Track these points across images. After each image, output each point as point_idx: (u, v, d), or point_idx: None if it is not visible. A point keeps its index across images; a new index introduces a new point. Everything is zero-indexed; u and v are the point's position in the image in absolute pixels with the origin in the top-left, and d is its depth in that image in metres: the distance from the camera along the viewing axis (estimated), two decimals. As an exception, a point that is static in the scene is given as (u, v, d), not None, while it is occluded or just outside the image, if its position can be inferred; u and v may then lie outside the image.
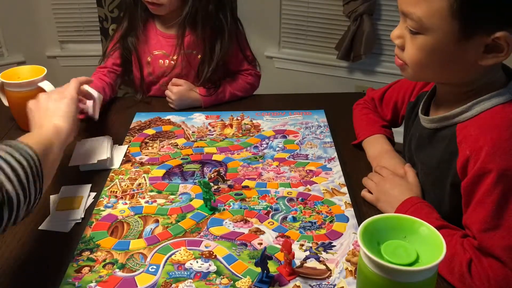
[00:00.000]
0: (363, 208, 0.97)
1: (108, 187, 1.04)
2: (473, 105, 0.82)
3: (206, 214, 0.96)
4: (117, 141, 1.20)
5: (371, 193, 0.99)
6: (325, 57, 2.68)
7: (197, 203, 0.99)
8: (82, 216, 0.95)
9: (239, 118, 1.32)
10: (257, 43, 2.74)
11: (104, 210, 0.97)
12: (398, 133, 1.16)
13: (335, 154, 1.14)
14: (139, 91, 1.47)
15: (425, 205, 0.88)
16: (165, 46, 1.46)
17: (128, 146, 1.19)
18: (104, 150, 1.12)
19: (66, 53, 2.87)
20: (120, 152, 1.16)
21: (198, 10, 1.37)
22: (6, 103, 1.28)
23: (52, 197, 1.01)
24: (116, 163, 1.12)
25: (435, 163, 0.89)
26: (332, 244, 0.88)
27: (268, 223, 0.93)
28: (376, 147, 1.10)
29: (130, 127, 1.28)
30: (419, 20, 0.77)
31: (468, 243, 0.78)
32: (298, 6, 2.63)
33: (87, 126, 1.28)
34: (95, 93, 1.18)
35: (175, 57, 1.44)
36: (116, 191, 1.03)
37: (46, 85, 1.22)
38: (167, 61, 1.46)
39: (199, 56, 1.44)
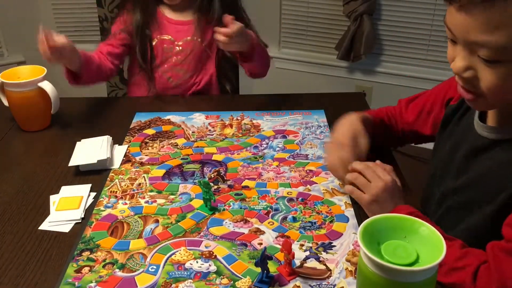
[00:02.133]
0: (363, 210, 0.96)
1: (108, 187, 1.04)
2: None
3: (206, 214, 0.96)
4: (117, 141, 1.20)
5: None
6: (325, 57, 2.68)
7: (197, 203, 0.99)
8: (82, 216, 0.95)
9: (239, 118, 1.31)
10: (257, 43, 2.75)
11: (104, 210, 0.97)
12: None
13: None
14: (150, 81, 1.48)
15: (420, 214, 0.85)
16: (172, 32, 1.46)
17: (128, 146, 1.19)
18: (104, 150, 1.12)
19: (66, 53, 2.87)
20: (120, 152, 1.16)
21: None
22: (6, 103, 1.28)
23: (52, 197, 1.01)
24: (116, 163, 1.12)
25: (492, 174, 0.81)
26: (332, 244, 0.87)
27: (268, 223, 0.93)
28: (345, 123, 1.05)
29: (130, 127, 1.28)
30: (500, 48, 0.67)
31: (492, 246, 0.75)
32: (298, 6, 2.63)
33: (87, 126, 1.28)
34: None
35: (180, 43, 1.45)
36: (116, 191, 1.03)
37: (46, 85, 1.22)
38: (171, 46, 1.47)
39: (204, 44, 1.45)
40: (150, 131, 1.26)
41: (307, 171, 1.09)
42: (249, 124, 1.29)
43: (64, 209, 0.97)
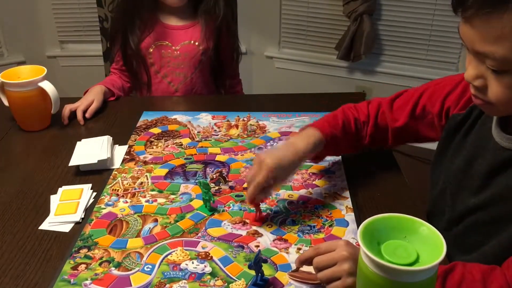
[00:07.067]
0: (364, 213, 0.95)
1: (110, 185, 1.04)
2: None
3: (205, 215, 0.95)
4: (122, 140, 1.20)
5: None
6: (325, 57, 2.68)
7: (197, 203, 0.99)
8: (82, 216, 0.95)
9: (245, 119, 1.31)
10: (257, 43, 2.75)
11: (104, 208, 0.97)
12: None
13: (340, 157, 1.13)
14: (145, 87, 1.52)
15: None
16: (169, 37, 1.47)
17: (128, 146, 1.19)
18: (104, 150, 1.12)
19: (66, 53, 2.87)
20: (120, 152, 1.16)
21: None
22: (6, 103, 1.28)
23: (52, 197, 1.01)
24: (116, 163, 1.12)
25: None
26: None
27: (267, 225, 0.93)
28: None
29: (137, 125, 1.28)
30: (504, 59, 0.68)
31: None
32: (298, 6, 2.63)
33: (88, 126, 1.28)
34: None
35: (178, 47, 1.47)
36: (118, 189, 1.03)
37: (46, 85, 1.22)
38: (169, 51, 1.48)
39: (201, 48, 1.47)
40: (155, 130, 1.26)
41: (310, 174, 1.08)
42: (255, 125, 1.28)
43: (63, 213, 0.96)
